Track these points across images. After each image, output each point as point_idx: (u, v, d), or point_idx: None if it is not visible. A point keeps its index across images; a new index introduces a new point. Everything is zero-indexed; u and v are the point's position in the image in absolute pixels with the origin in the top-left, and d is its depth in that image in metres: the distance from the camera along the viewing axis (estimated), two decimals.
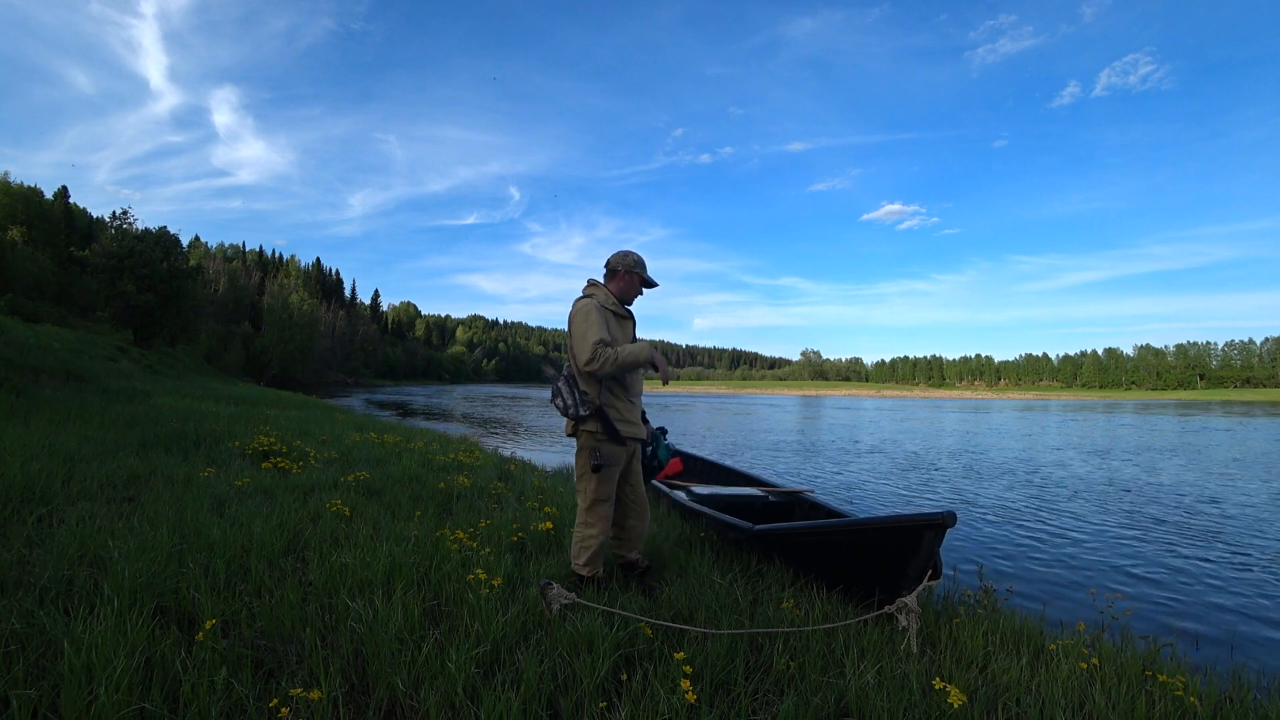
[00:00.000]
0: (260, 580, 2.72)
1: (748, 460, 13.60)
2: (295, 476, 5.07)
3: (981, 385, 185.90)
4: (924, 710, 2.09)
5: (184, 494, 4.14)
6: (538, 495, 5.22)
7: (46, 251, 53.08)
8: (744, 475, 6.14)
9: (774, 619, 2.76)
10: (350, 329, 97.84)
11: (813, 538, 3.34)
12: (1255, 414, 41.95)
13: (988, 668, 2.48)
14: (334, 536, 3.49)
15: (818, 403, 60.44)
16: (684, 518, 4.57)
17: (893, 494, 9.81)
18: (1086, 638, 2.96)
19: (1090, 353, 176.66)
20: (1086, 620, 3.41)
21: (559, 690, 2.06)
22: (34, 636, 2.03)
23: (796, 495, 5.09)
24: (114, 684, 1.77)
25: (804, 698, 2.08)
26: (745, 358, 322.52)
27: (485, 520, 4.13)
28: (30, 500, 3.63)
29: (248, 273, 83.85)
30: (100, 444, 5.69)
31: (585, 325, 2.91)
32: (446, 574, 2.92)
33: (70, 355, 16.85)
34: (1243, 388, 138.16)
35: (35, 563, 2.66)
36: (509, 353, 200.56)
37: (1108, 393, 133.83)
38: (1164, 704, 2.26)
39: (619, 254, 3.15)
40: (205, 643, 2.03)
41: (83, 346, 22.09)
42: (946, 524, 2.69)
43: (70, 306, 48.93)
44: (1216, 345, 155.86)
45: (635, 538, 3.25)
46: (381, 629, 2.26)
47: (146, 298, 36.38)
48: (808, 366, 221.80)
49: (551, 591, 2.57)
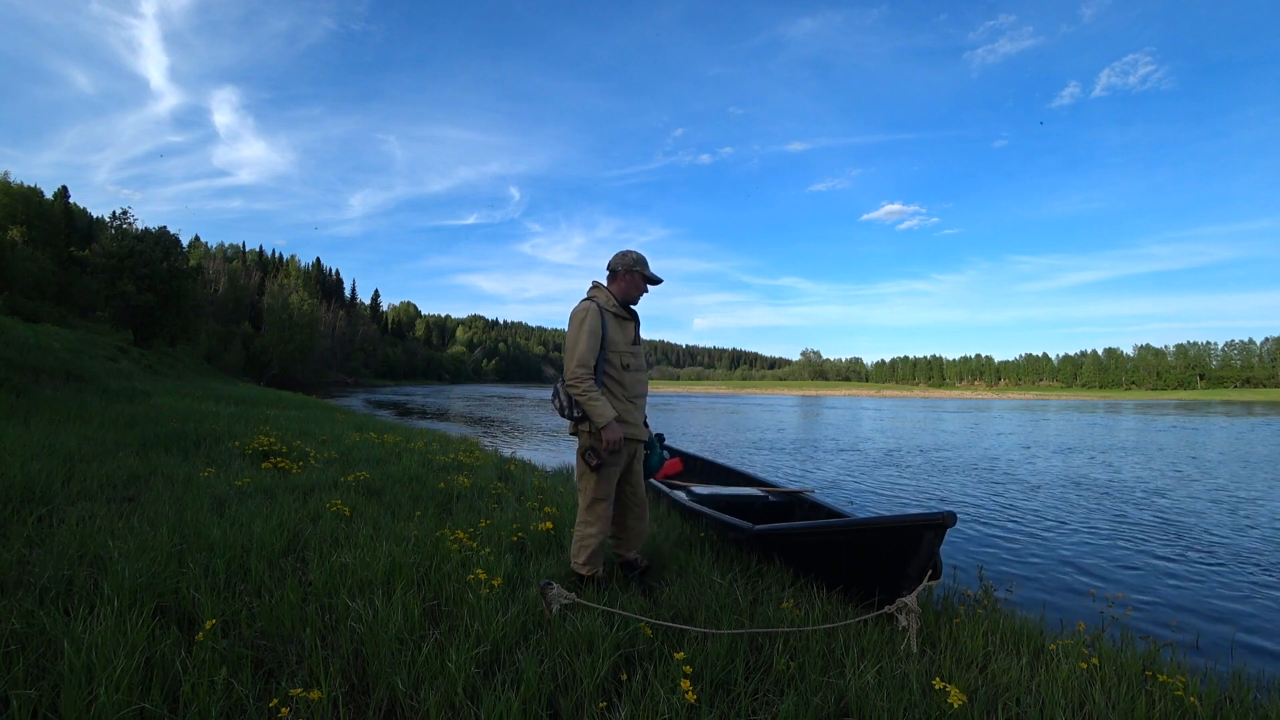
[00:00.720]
0: (260, 580, 2.72)
1: (742, 459, 13.60)
2: (295, 476, 5.07)
3: (981, 385, 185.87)
4: (924, 710, 2.09)
5: (184, 494, 4.14)
6: (538, 495, 5.22)
7: (46, 251, 53.07)
8: (744, 475, 6.14)
9: (774, 619, 2.76)
10: (350, 329, 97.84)
11: (813, 538, 3.34)
12: (1256, 413, 41.97)
13: (988, 668, 2.48)
14: (334, 536, 3.49)
15: (817, 403, 60.45)
16: (684, 518, 4.57)
17: (892, 494, 9.81)
18: (1086, 638, 2.96)
19: (1090, 353, 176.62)
20: (1086, 620, 3.41)
21: (559, 690, 2.06)
22: (34, 636, 2.03)
23: (796, 495, 5.09)
24: (114, 684, 1.77)
25: (804, 698, 2.08)
26: (745, 358, 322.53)
27: (485, 520, 4.13)
28: (30, 500, 3.64)
29: (248, 273, 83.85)
30: (100, 444, 5.69)
31: (576, 336, 2.96)
32: (446, 574, 2.92)
33: (70, 355, 16.85)
34: (1243, 388, 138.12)
35: (35, 563, 2.66)
36: (509, 353, 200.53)
37: (1108, 393, 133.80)
38: (1164, 704, 2.26)
39: (619, 254, 3.15)
40: (205, 643, 2.03)
41: (83, 346, 22.10)
42: (946, 524, 2.69)
43: (70, 306, 48.93)
44: (1216, 345, 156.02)
45: (634, 538, 3.27)
46: (381, 629, 2.26)
47: (146, 298, 36.38)
48: (808, 366, 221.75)
49: (551, 591, 2.57)
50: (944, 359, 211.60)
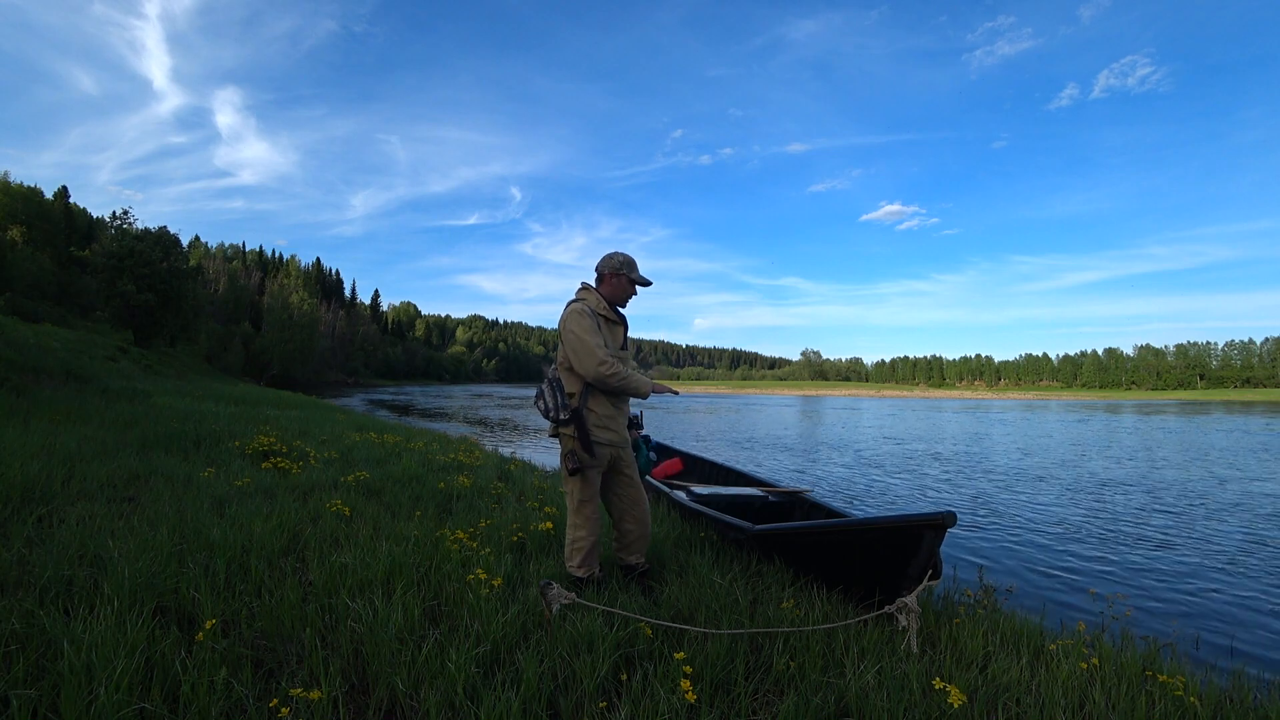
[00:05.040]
0: (260, 580, 2.72)
1: (742, 459, 13.59)
2: (295, 476, 5.06)
3: (981, 385, 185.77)
4: (924, 710, 2.09)
5: (184, 494, 4.14)
6: (538, 495, 5.22)
7: (46, 251, 53.07)
8: (744, 475, 6.13)
9: (774, 619, 2.76)
10: (350, 329, 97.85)
11: (812, 538, 3.33)
12: (1256, 413, 41.95)
13: (988, 668, 2.47)
14: (334, 536, 3.49)
15: (817, 403, 60.42)
16: (684, 518, 4.56)
17: (892, 493, 9.81)
18: (1086, 638, 2.96)
19: (1090, 353, 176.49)
20: (1086, 620, 3.41)
21: (559, 690, 2.06)
22: (34, 636, 2.03)
23: (796, 495, 5.09)
24: (114, 684, 1.77)
25: (804, 698, 2.08)
26: (745, 358, 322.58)
27: (485, 520, 4.13)
28: (30, 500, 3.63)
29: (248, 273, 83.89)
30: (100, 444, 5.69)
31: (580, 336, 2.92)
32: (446, 574, 2.92)
33: (70, 355, 16.85)
34: (1243, 388, 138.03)
35: (35, 563, 2.65)
36: (509, 353, 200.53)
37: (1108, 393, 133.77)
38: (1164, 704, 2.26)
39: (605, 257, 3.13)
40: (205, 643, 2.03)
41: (83, 346, 22.10)
42: (946, 524, 2.69)
43: (70, 306, 48.91)
44: (1216, 345, 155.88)
45: (632, 542, 3.22)
46: (381, 629, 2.26)
47: (146, 298, 36.39)
48: (808, 366, 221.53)
49: (551, 591, 2.56)
50: (944, 359, 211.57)
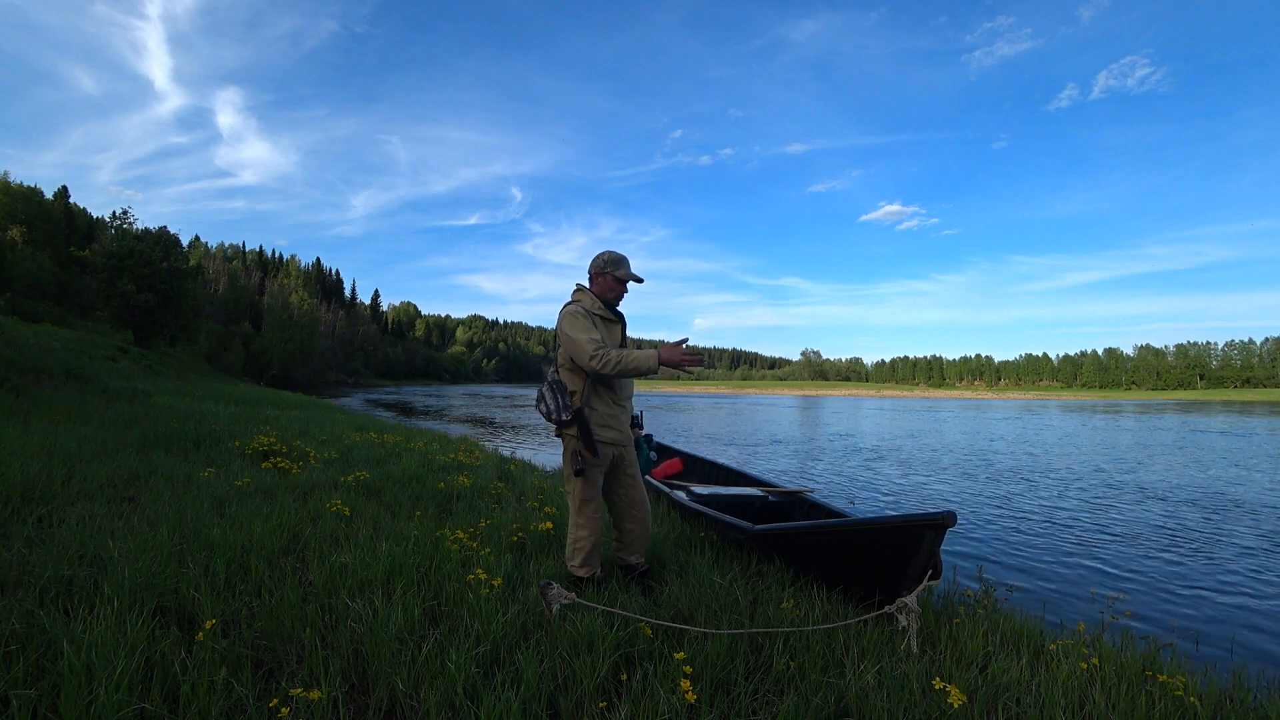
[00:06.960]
0: (260, 580, 2.72)
1: (742, 459, 13.60)
2: (295, 476, 5.07)
3: (981, 385, 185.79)
4: (924, 710, 2.09)
5: (184, 494, 4.14)
6: (538, 495, 5.22)
7: (46, 251, 53.06)
8: (744, 475, 6.13)
9: (774, 619, 2.76)
10: (350, 329, 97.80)
11: (812, 538, 3.33)
12: (1256, 413, 41.95)
13: (988, 668, 2.47)
14: (334, 536, 3.49)
15: (817, 403, 60.42)
16: (684, 518, 4.56)
17: (892, 493, 9.81)
18: (1086, 638, 2.95)
19: (1090, 353, 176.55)
20: (1086, 620, 3.41)
21: (559, 690, 2.06)
22: (34, 636, 2.03)
23: (796, 495, 5.08)
24: (114, 684, 1.77)
25: (804, 698, 2.08)
26: (745, 358, 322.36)
27: (485, 520, 4.13)
28: (30, 500, 3.63)
29: (248, 273, 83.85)
30: (100, 444, 5.69)
31: (574, 327, 2.93)
32: (446, 574, 2.92)
33: (70, 355, 16.85)
34: (1243, 388, 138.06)
35: (35, 563, 2.65)
36: (509, 353, 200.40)
37: (1108, 393, 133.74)
38: (1164, 704, 2.26)
39: (595, 257, 3.14)
40: (205, 643, 2.03)
41: (83, 346, 22.10)
42: (946, 524, 2.69)
43: (70, 306, 48.90)
44: (1216, 345, 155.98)
45: (633, 541, 3.22)
46: (381, 629, 2.26)
47: (146, 298, 36.39)
48: (808, 366, 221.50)
49: (551, 591, 2.56)
50: (944, 359, 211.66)
